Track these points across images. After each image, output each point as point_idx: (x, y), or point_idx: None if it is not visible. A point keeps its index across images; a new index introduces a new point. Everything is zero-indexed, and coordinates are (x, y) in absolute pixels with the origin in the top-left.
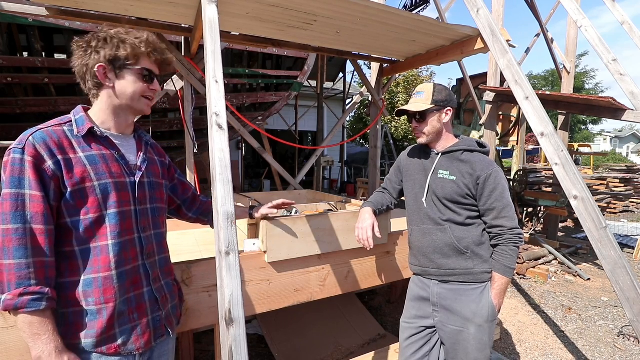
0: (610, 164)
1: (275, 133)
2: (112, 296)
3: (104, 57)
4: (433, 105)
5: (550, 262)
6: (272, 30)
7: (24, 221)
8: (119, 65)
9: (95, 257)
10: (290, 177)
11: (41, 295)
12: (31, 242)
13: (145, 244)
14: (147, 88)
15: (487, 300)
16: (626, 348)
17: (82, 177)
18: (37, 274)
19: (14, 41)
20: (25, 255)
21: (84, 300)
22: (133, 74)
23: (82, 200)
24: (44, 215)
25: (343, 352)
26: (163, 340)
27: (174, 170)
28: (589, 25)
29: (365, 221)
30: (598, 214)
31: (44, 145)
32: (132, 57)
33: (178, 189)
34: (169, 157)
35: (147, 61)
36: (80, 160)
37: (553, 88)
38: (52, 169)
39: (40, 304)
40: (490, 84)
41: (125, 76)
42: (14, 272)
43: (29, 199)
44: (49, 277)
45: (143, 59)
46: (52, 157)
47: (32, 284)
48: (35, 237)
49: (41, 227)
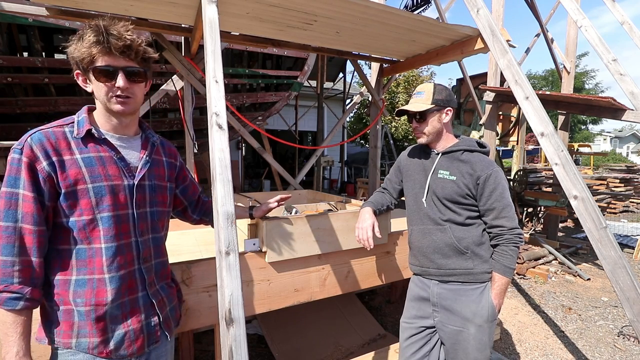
0: (610, 164)
1: (275, 133)
2: (104, 299)
3: (73, 63)
4: (433, 105)
5: (550, 262)
6: (272, 30)
7: (14, 220)
8: (82, 68)
9: (89, 258)
10: (290, 177)
11: (20, 295)
12: (19, 241)
13: (142, 248)
14: (110, 87)
15: (487, 300)
16: (626, 348)
17: (76, 179)
18: (22, 272)
19: (14, 41)
20: (12, 254)
21: (73, 300)
22: (93, 75)
23: (75, 202)
24: (34, 216)
25: (343, 352)
26: (158, 346)
27: (186, 172)
28: (589, 25)
29: (365, 221)
30: (598, 214)
31: (40, 146)
32: (86, 56)
33: (188, 191)
34: (181, 159)
35: (102, 57)
36: (76, 162)
37: (553, 88)
38: (47, 170)
39: (16, 303)
40: (490, 84)
41: (91, 79)
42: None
43: (21, 199)
44: (35, 277)
45: (97, 56)
46: (47, 158)
47: (15, 282)
48: (24, 236)
49: (30, 227)
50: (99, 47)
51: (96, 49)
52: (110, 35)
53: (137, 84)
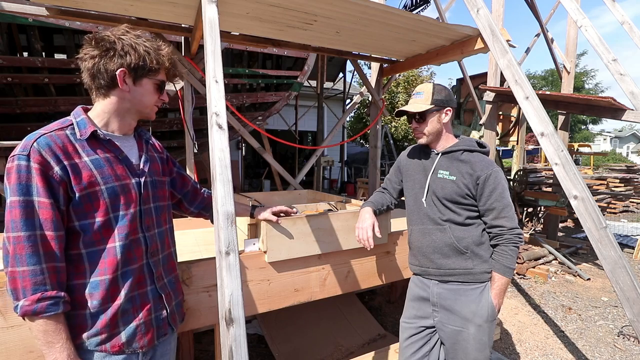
0: (610, 164)
1: (275, 133)
2: (117, 295)
3: (128, 64)
4: (432, 106)
5: (550, 262)
6: (272, 30)
7: (34, 228)
8: (140, 73)
9: (102, 259)
10: (290, 177)
11: (58, 299)
12: (43, 249)
13: (150, 243)
14: (159, 98)
15: (487, 300)
16: (626, 348)
17: (90, 181)
18: (51, 278)
19: (14, 41)
20: (39, 262)
21: (90, 302)
22: (152, 84)
23: (90, 204)
24: (54, 222)
25: (343, 352)
26: (165, 339)
27: (172, 164)
28: (589, 25)
29: (366, 221)
30: (598, 214)
31: (50, 151)
32: (155, 69)
33: (177, 183)
34: (167, 152)
35: (162, 72)
36: (87, 165)
37: (553, 88)
38: (60, 174)
39: (58, 307)
40: (490, 84)
41: (143, 84)
42: (29, 278)
43: (37, 206)
44: (61, 281)
45: (162, 71)
46: (58, 162)
47: (48, 289)
48: (47, 242)
49: (51, 233)
50: (169, 64)
51: (168, 64)
52: (173, 65)
53: None
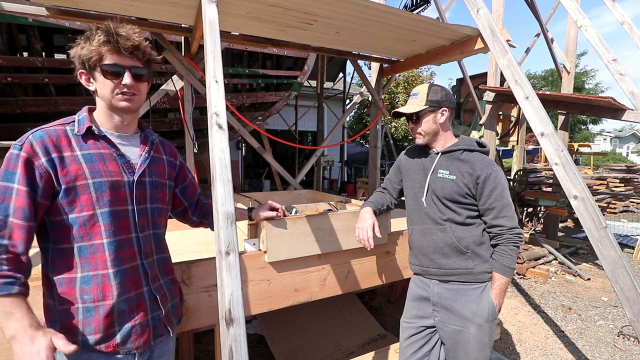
0: (610, 164)
1: (275, 133)
2: (110, 294)
3: (78, 62)
4: (427, 106)
5: (550, 262)
6: (272, 30)
7: (5, 214)
8: (88, 66)
9: (92, 254)
10: (290, 177)
11: (14, 280)
12: (8, 235)
13: (143, 243)
14: (117, 84)
15: (487, 300)
16: (626, 348)
17: (76, 174)
18: (9, 261)
19: (14, 41)
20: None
21: (80, 297)
22: (100, 73)
23: (76, 198)
24: (24, 211)
25: (343, 352)
26: (162, 340)
27: (186, 172)
28: (589, 25)
29: (366, 221)
30: (598, 214)
31: (41, 143)
32: (95, 55)
33: (188, 191)
34: (181, 158)
35: (110, 55)
36: (76, 158)
37: (553, 88)
38: (45, 166)
39: (11, 287)
40: (490, 84)
41: (96, 77)
42: None
43: (15, 193)
44: (22, 269)
45: (106, 55)
46: (46, 154)
47: (4, 269)
48: (13, 231)
49: (20, 222)
50: (108, 47)
51: (105, 48)
52: (119, 36)
53: (141, 83)
